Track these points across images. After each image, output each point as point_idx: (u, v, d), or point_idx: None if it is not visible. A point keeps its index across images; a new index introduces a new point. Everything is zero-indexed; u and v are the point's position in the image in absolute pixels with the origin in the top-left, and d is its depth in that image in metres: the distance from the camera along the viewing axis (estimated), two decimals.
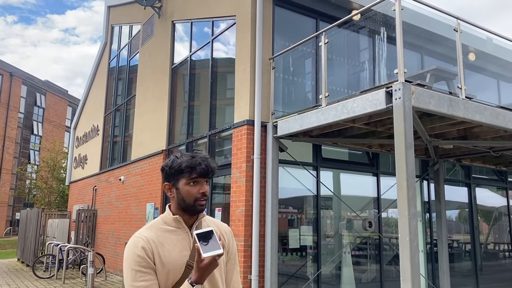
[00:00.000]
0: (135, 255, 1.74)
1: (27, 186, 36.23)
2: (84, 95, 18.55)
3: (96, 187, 15.15)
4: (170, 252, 1.78)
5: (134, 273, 1.71)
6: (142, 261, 1.72)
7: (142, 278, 1.70)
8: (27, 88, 43.09)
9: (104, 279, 11.41)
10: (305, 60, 8.63)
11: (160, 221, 1.88)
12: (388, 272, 8.78)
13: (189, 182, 1.81)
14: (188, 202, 1.82)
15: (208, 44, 9.48)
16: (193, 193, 1.81)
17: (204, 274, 1.64)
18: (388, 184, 8.88)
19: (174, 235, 1.83)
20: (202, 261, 1.61)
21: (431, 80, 6.52)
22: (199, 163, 1.82)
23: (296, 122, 6.88)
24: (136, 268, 1.72)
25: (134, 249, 1.75)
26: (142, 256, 1.73)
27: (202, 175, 1.82)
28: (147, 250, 1.74)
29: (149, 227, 1.86)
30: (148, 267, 1.72)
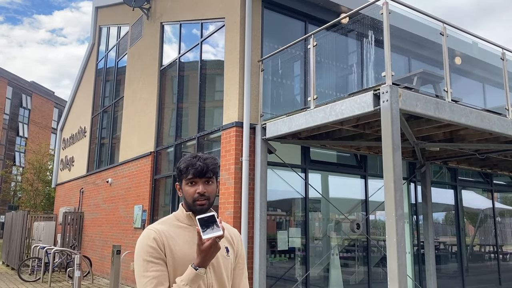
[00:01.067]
0: (147, 246, 1.77)
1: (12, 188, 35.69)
2: (71, 97, 18.37)
3: (83, 189, 15.00)
4: (181, 247, 1.81)
5: (145, 264, 1.74)
6: (154, 252, 1.75)
7: (153, 268, 1.73)
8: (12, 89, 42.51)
9: (91, 282, 11.28)
10: (294, 63, 8.67)
11: (172, 218, 1.91)
12: (376, 274, 8.84)
13: (187, 183, 1.86)
14: (189, 202, 1.86)
15: (197, 46, 9.47)
16: (191, 193, 1.85)
17: (206, 257, 1.68)
18: (376, 186, 8.95)
19: (186, 231, 1.87)
20: (203, 244, 1.66)
21: (418, 83, 6.60)
22: (194, 164, 1.84)
23: (284, 124, 6.91)
24: (147, 258, 1.74)
25: (146, 240, 1.78)
26: (154, 247, 1.76)
27: (197, 176, 1.84)
28: (158, 242, 1.77)
29: (161, 222, 1.90)
30: (159, 258, 1.75)
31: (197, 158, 1.87)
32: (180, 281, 1.70)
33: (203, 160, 1.86)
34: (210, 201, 1.87)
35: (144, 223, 10.09)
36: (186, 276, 1.70)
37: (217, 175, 1.93)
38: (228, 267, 1.90)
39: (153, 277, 1.72)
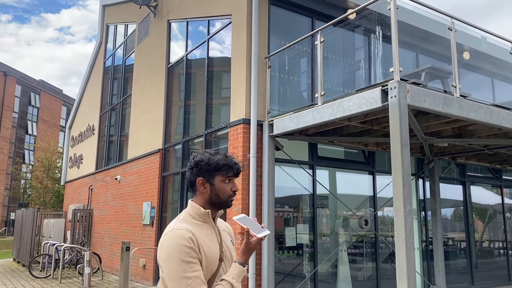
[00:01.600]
0: (184, 246, 1.74)
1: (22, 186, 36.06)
2: (79, 95, 18.49)
3: (91, 186, 15.12)
4: (208, 245, 1.84)
5: (185, 265, 1.71)
6: (192, 252, 1.74)
7: (193, 269, 1.72)
8: (21, 88, 42.87)
9: (101, 278, 11.39)
10: (301, 59, 8.66)
11: (188, 216, 1.91)
12: (384, 270, 8.84)
13: (224, 180, 1.92)
14: (222, 198, 1.91)
15: (204, 43, 9.49)
16: (227, 190, 1.92)
17: (250, 255, 1.82)
18: (384, 182, 8.93)
19: (205, 229, 1.89)
20: (251, 242, 1.80)
21: (426, 78, 6.56)
22: (235, 163, 1.95)
23: (292, 121, 6.91)
24: (187, 259, 1.72)
25: (182, 240, 1.75)
26: (191, 247, 1.75)
27: (236, 175, 1.96)
28: (194, 242, 1.77)
29: (182, 221, 1.88)
30: (196, 258, 1.76)
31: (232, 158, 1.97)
32: (231, 278, 1.77)
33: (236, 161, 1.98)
34: None
35: (153, 220, 10.16)
36: (236, 274, 1.79)
37: None
38: (229, 263, 1.96)
39: (196, 277, 1.71)
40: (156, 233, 9.96)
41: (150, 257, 10.07)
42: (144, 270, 10.30)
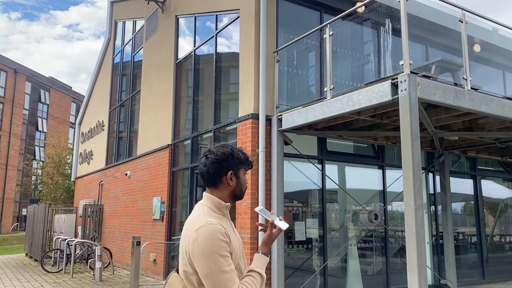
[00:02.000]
0: (220, 241, 1.75)
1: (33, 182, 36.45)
2: (89, 91, 18.61)
3: (102, 182, 15.24)
4: (233, 238, 1.87)
5: (223, 259, 1.73)
6: (227, 247, 1.78)
7: (229, 262, 1.76)
8: (31, 85, 43.20)
9: (112, 273, 11.50)
10: (309, 53, 8.62)
11: (209, 209, 1.90)
12: (394, 264, 8.81)
13: (245, 172, 2.00)
14: (243, 190, 1.98)
15: (212, 38, 9.48)
16: (246, 182, 2.02)
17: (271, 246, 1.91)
18: (393, 176, 8.88)
19: (224, 222, 1.90)
20: (273, 233, 1.88)
21: (436, 71, 6.50)
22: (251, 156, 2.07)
23: (301, 115, 6.89)
24: (224, 253, 1.74)
25: (219, 235, 1.76)
26: (227, 241, 1.78)
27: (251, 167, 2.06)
28: (228, 236, 1.81)
29: (209, 215, 1.87)
30: (229, 252, 1.79)
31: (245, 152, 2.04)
32: (260, 269, 1.84)
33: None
34: None
35: (163, 214, 10.22)
36: (262, 263, 1.86)
37: None
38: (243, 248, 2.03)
39: (232, 270, 1.75)
40: (166, 227, 10.03)
41: (161, 252, 10.14)
42: (155, 265, 10.38)
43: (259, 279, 1.81)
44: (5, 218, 38.07)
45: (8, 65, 39.62)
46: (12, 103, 39.49)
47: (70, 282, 10.09)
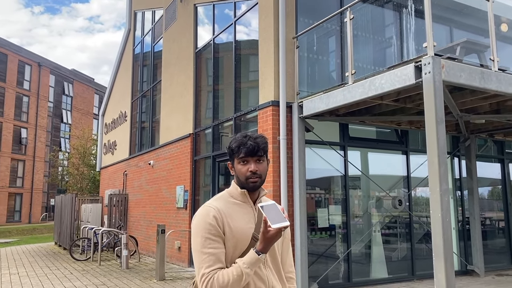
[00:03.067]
0: (206, 223, 1.79)
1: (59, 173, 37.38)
2: (111, 82, 18.84)
3: (126, 172, 15.50)
4: (239, 223, 1.83)
5: (203, 240, 1.77)
6: (212, 229, 1.78)
7: (211, 245, 1.76)
8: (55, 78, 44.02)
9: (138, 260, 11.75)
10: (329, 38, 8.49)
11: (226, 195, 1.93)
12: (419, 250, 8.72)
13: (239, 162, 1.89)
14: (241, 180, 1.89)
15: (230, 26, 9.44)
16: (243, 172, 1.88)
17: (268, 244, 1.72)
18: (418, 162, 8.74)
19: (241, 207, 1.89)
20: (268, 232, 1.69)
21: (461, 53, 6.31)
22: (245, 143, 1.87)
23: (322, 101, 6.82)
24: (206, 235, 1.77)
25: (206, 217, 1.80)
26: (213, 225, 1.78)
27: (249, 154, 1.87)
28: (217, 219, 1.80)
29: (217, 199, 1.91)
30: (217, 236, 1.78)
31: (248, 138, 1.89)
32: (242, 263, 1.73)
33: (254, 139, 1.89)
34: (262, 179, 1.90)
35: (186, 203, 10.35)
36: (248, 260, 1.73)
37: (267, 154, 1.95)
38: (279, 243, 1.94)
39: (211, 253, 1.75)
40: (190, 215, 10.15)
41: (185, 239, 10.29)
42: (179, 252, 10.54)
43: (238, 272, 1.71)
44: (34, 208, 39.25)
45: (32, 59, 40.43)
46: (37, 96, 40.38)
47: (98, 270, 10.36)
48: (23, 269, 10.67)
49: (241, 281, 1.72)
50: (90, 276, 9.41)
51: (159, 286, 8.24)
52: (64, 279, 9.10)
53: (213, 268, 1.73)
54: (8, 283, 8.77)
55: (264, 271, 1.84)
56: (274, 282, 1.87)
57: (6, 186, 36.44)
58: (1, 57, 36.51)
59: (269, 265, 1.88)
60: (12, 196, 37.20)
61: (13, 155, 37.33)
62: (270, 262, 1.89)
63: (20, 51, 38.96)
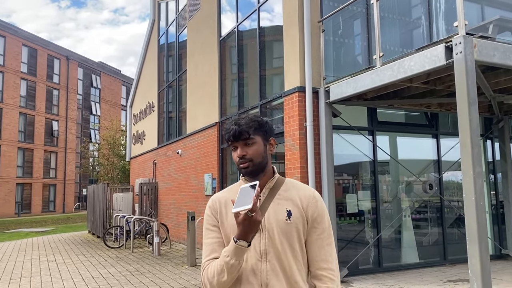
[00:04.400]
0: (205, 214, 1.83)
1: (90, 163, 38.40)
2: (137, 74, 19.09)
3: (155, 161, 15.77)
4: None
5: (204, 231, 1.80)
6: (210, 219, 1.79)
7: (210, 235, 1.76)
8: (83, 71, 44.97)
9: (169, 247, 12.01)
10: (355, 21, 8.32)
11: (237, 184, 1.89)
12: (451, 235, 8.57)
13: (232, 149, 1.79)
14: (237, 167, 1.81)
15: (254, 12, 9.38)
16: (234, 158, 1.80)
17: (243, 230, 1.55)
18: (448, 145, 8.54)
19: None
20: (237, 216, 1.54)
21: (494, 31, 6.09)
22: (228, 128, 1.77)
23: (349, 86, 6.73)
24: (206, 226, 1.80)
25: (206, 209, 1.84)
26: (209, 215, 1.80)
27: (234, 140, 1.75)
28: (212, 209, 1.80)
29: (227, 189, 1.90)
30: (214, 225, 1.77)
31: (234, 122, 1.77)
32: (223, 252, 1.62)
33: (237, 123, 1.75)
34: (255, 163, 1.73)
35: (214, 190, 10.47)
36: (227, 248, 1.60)
37: (263, 133, 1.77)
38: (290, 232, 1.70)
39: (208, 243, 1.75)
40: None
41: None
42: None
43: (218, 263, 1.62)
44: (67, 198, 40.54)
45: (61, 53, 41.37)
46: (66, 89, 41.37)
47: (131, 257, 10.65)
48: (60, 257, 11.08)
49: (223, 271, 1.59)
50: (123, 263, 9.68)
51: (190, 271, 8.41)
52: (99, 266, 9.40)
53: (208, 258, 1.71)
54: (47, 270, 9.13)
55: (259, 264, 1.66)
56: (271, 278, 1.65)
57: (40, 178, 37.71)
58: (31, 52, 37.51)
59: (270, 259, 1.66)
60: (46, 187, 38.49)
61: (45, 147, 38.52)
62: (273, 256, 1.67)
63: (48, 46, 39.91)
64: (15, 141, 35.28)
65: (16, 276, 8.61)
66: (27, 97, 36.79)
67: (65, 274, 8.62)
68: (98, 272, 8.67)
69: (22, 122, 36.29)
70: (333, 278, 1.72)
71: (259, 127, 1.76)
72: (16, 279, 8.25)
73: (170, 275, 8.13)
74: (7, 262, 10.57)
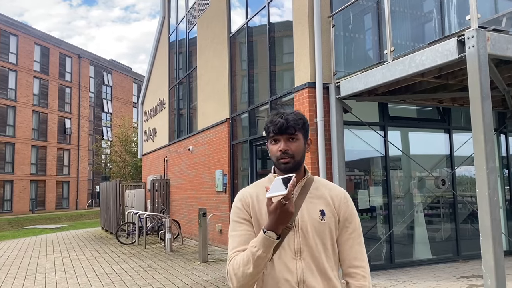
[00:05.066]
0: (234, 207, 1.80)
1: (103, 161, 38.77)
2: (148, 71, 19.19)
3: (167, 158, 15.87)
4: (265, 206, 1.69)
5: (233, 224, 1.77)
6: (240, 213, 1.76)
7: (239, 228, 1.74)
8: (94, 68, 45.32)
9: (181, 243, 12.09)
10: (365, 16, 8.26)
11: (266, 180, 1.85)
12: (464, 231, 8.49)
13: (271, 141, 1.77)
14: (274, 161, 1.77)
15: (264, 8, 9.35)
16: (274, 152, 1.75)
17: (274, 220, 1.53)
18: (461, 140, 8.45)
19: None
20: (270, 204, 1.54)
21: (508, 24, 6.00)
22: (274, 120, 1.74)
23: (360, 81, 6.68)
24: (234, 219, 1.77)
25: (235, 202, 1.81)
26: (240, 208, 1.77)
27: (278, 133, 1.73)
28: (243, 203, 1.78)
29: (254, 184, 1.88)
30: (244, 219, 1.75)
31: (279, 115, 1.75)
32: (251, 242, 1.60)
33: (285, 116, 1.73)
34: (296, 159, 1.72)
35: (225, 186, 10.50)
36: (256, 239, 1.58)
37: (304, 132, 1.78)
38: (323, 231, 1.71)
39: (236, 235, 1.72)
40: (229, 199, 10.30)
41: (226, 222, 10.47)
42: (221, 235, 10.75)
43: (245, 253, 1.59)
44: (81, 195, 41.01)
45: (72, 51, 41.73)
46: (78, 87, 41.76)
47: (144, 253, 10.74)
48: (73, 253, 11.22)
49: (249, 262, 1.57)
50: (136, 259, 9.78)
51: (202, 268, 8.46)
52: (112, 262, 9.51)
53: (236, 250, 1.68)
54: (61, 266, 9.26)
55: (294, 262, 1.66)
56: (308, 275, 1.66)
57: (54, 175, 38.17)
58: (43, 50, 37.91)
59: (305, 258, 1.67)
60: (60, 184, 38.96)
61: (58, 144, 38.97)
62: (307, 254, 1.68)
63: (60, 44, 40.28)
64: (29, 139, 35.74)
65: (32, 272, 8.75)
66: (40, 95, 37.21)
67: (79, 270, 8.74)
68: (111, 268, 8.77)
69: (35, 120, 36.73)
70: (365, 275, 1.76)
71: (303, 125, 1.78)
72: (31, 275, 8.39)
73: (182, 271, 8.19)
74: (23, 258, 10.74)
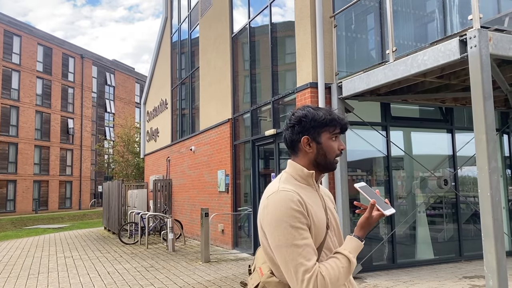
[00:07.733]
0: (292, 210, 1.51)
1: (105, 161, 38.87)
2: (151, 71, 19.22)
3: (169, 158, 15.89)
4: (315, 210, 1.60)
5: (294, 231, 1.49)
6: (302, 217, 1.52)
7: (303, 236, 1.50)
8: (97, 69, 45.44)
9: (183, 243, 12.10)
10: (367, 16, 8.25)
11: (290, 177, 1.67)
12: (466, 231, 8.48)
13: (331, 137, 1.67)
14: (329, 158, 1.67)
15: (266, 8, 9.36)
16: (334, 149, 1.67)
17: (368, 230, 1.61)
18: (464, 140, 8.44)
19: (308, 192, 1.64)
20: (372, 217, 1.58)
21: (510, 24, 6.00)
22: (342, 118, 1.68)
23: (362, 81, 6.68)
24: (296, 224, 1.50)
25: (290, 203, 1.52)
26: (301, 211, 1.52)
27: (344, 131, 1.69)
28: (303, 205, 1.55)
29: (285, 181, 1.65)
30: (305, 224, 1.53)
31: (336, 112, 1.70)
32: (348, 252, 1.54)
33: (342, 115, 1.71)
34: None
35: (227, 186, 10.51)
36: (353, 248, 1.56)
37: None
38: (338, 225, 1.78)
39: (306, 245, 1.49)
40: (232, 199, 10.31)
41: (228, 222, 10.48)
42: (223, 235, 10.76)
43: (345, 263, 1.51)
44: (83, 195, 41.11)
45: (75, 51, 41.84)
46: (81, 87, 41.86)
47: (146, 253, 10.76)
48: (76, 253, 11.26)
49: (350, 273, 1.53)
50: (138, 259, 9.80)
51: (205, 267, 8.47)
52: (115, 262, 9.53)
53: (314, 262, 1.47)
54: (64, 265, 9.29)
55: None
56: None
57: (57, 175, 38.27)
58: (46, 51, 38.01)
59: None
60: (63, 184, 39.06)
61: (61, 144, 39.07)
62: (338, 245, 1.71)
63: (63, 44, 40.40)
64: (32, 139, 35.85)
65: (34, 271, 8.78)
66: (43, 96, 37.31)
67: (81, 269, 8.77)
68: (114, 268, 8.79)
69: (38, 120, 36.83)
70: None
71: None
72: (34, 275, 8.42)
73: (184, 271, 8.21)
74: (25, 258, 10.78)
